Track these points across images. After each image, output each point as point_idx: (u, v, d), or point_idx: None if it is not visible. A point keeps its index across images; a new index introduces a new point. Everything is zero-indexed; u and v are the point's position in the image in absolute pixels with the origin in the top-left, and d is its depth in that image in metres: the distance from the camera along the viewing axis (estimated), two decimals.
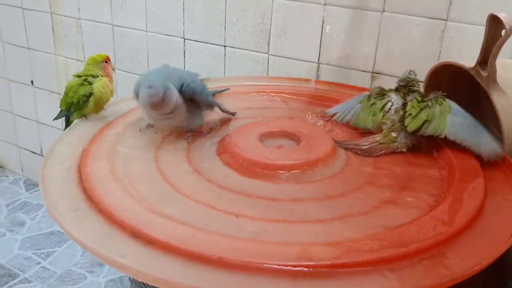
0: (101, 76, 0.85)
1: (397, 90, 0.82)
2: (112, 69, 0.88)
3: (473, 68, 0.78)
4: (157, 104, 0.71)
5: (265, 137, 0.78)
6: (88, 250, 0.52)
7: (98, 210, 0.58)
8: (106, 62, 0.86)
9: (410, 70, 0.83)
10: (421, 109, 0.77)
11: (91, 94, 0.83)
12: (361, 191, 0.66)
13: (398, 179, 0.70)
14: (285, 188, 0.66)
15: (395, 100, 0.81)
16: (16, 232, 1.59)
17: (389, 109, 0.80)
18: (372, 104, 0.82)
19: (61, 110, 0.88)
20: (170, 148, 0.76)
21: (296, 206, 0.62)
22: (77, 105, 0.84)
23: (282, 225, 0.58)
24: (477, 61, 0.77)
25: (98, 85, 0.84)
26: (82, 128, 0.81)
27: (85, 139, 0.76)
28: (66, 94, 0.86)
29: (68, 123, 0.89)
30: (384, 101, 0.81)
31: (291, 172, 0.69)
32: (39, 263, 1.45)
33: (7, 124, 1.87)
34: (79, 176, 0.66)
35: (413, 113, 0.77)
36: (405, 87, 0.81)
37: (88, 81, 0.83)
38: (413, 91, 0.81)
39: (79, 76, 0.85)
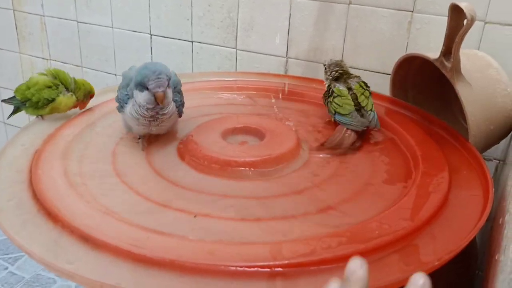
0: (71, 96, 0.81)
1: (338, 78, 0.84)
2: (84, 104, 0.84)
3: (437, 60, 0.77)
4: (163, 95, 0.66)
5: (228, 133, 0.76)
6: (33, 257, 0.50)
7: (46, 214, 0.55)
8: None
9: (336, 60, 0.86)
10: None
11: (53, 100, 0.79)
12: (323, 186, 0.65)
13: (361, 173, 0.68)
14: (245, 185, 0.64)
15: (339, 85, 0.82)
16: None
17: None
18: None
19: (14, 97, 0.81)
20: (129, 147, 0.74)
21: (255, 204, 0.60)
22: (35, 104, 0.79)
23: (240, 224, 0.56)
24: (441, 52, 0.76)
25: (64, 99, 0.80)
26: (36, 129, 0.77)
27: (39, 140, 0.73)
28: (28, 87, 0.79)
29: (15, 111, 0.84)
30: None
31: (252, 169, 0.67)
32: (6, 268, 1.41)
33: None
34: (30, 179, 0.62)
35: (366, 95, 0.81)
36: (342, 74, 0.84)
37: (58, 89, 0.79)
38: (348, 77, 0.83)
39: (53, 77, 0.81)
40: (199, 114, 0.86)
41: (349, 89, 0.81)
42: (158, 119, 0.70)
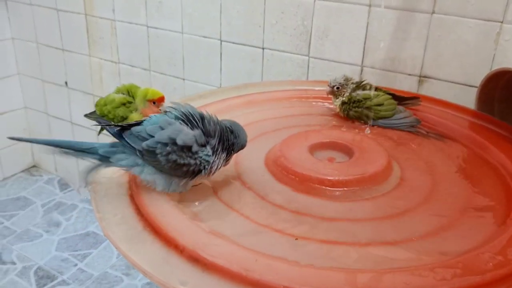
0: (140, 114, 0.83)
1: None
2: (160, 110, 0.83)
3: None
4: None
5: (315, 149, 0.75)
6: (147, 276, 0.51)
7: (153, 231, 0.57)
8: (154, 102, 0.83)
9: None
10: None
11: (127, 117, 0.82)
12: (420, 209, 0.63)
13: (456, 195, 0.66)
14: (340, 206, 0.64)
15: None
16: (52, 233, 1.61)
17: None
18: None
19: (95, 111, 0.87)
20: None
21: (353, 227, 0.59)
22: (110, 120, 0.83)
23: (343, 248, 0.55)
24: None
25: (136, 116, 0.83)
26: None
27: None
28: (105, 103, 0.84)
29: (102, 129, 0.89)
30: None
31: (346, 188, 0.66)
32: (76, 264, 1.46)
33: (42, 124, 1.88)
34: (131, 194, 0.64)
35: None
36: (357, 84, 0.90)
37: (131, 106, 0.82)
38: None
39: (127, 93, 0.83)
40: (278, 127, 0.86)
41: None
42: None
